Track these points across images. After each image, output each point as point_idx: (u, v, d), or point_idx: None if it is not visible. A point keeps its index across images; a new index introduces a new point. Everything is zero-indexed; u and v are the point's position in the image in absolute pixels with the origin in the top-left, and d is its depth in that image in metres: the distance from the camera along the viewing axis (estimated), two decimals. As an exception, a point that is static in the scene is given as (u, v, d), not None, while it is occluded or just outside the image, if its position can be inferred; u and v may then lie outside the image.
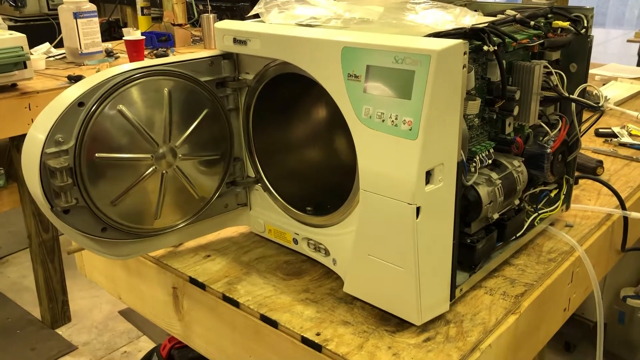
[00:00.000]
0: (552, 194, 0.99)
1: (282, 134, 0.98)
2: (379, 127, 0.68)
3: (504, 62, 0.79)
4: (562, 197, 0.99)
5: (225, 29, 0.86)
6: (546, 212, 0.97)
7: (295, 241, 0.92)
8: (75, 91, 0.77)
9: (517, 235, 0.92)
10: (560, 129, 0.92)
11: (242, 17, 0.92)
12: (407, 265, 0.70)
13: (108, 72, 0.80)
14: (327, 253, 0.87)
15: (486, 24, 0.78)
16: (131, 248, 0.88)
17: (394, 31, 0.75)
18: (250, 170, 0.96)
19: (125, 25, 3.41)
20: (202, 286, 0.87)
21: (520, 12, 0.88)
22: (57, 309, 2.32)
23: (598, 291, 0.94)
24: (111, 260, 0.92)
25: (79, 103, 0.77)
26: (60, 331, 2.30)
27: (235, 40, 0.85)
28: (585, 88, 0.94)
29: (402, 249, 0.70)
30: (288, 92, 0.91)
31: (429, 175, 0.68)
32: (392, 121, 0.67)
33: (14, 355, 2.03)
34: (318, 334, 0.74)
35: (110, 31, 3.46)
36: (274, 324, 0.78)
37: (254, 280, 0.87)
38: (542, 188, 0.98)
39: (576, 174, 1.19)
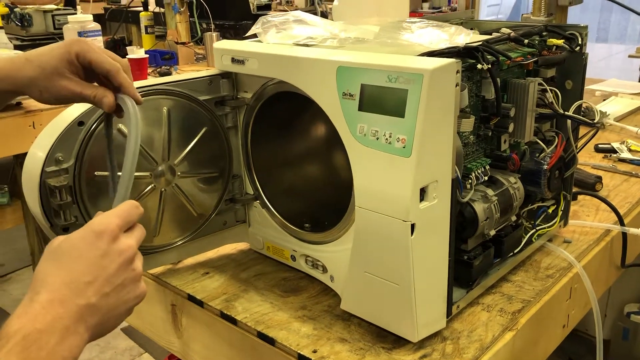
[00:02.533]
0: (550, 210, 0.99)
1: (280, 151, 0.99)
2: (373, 145, 0.69)
3: (498, 79, 0.80)
4: (560, 213, 0.99)
5: (223, 49, 0.87)
6: (544, 228, 0.97)
7: (293, 258, 0.92)
8: (76, 110, 0.78)
9: (515, 251, 0.92)
10: (556, 146, 0.93)
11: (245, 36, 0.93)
12: (403, 282, 0.71)
13: (108, 92, 0.81)
14: (324, 270, 0.87)
15: (480, 43, 0.79)
16: (130, 265, 0.89)
17: (389, 50, 0.76)
18: (249, 187, 0.97)
19: (131, 44, 3.44)
20: (200, 303, 0.87)
21: (515, 31, 0.89)
22: (60, 326, 2.31)
23: (597, 307, 0.94)
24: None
25: (79, 122, 0.78)
26: (62, 348, 2.29)
27: (233, 60, 0.86)
28: (581, 105, 0.94)
29: (397, 265, 0.70)
30: (286, 110, 0.92)
31: (423, 192, 0.68)
32: (386, 139, 0.67)
33: None
34: (315, 351, 0.75)
35: (116, 49, 3.50)
36: (271, 341, 0.78)
37: (251, 297, 0.87)
38: (540, 204, 0.98)
39: (575, 189, 1.20)
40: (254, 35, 0.88)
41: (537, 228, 0.96)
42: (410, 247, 0.68)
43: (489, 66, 0.76)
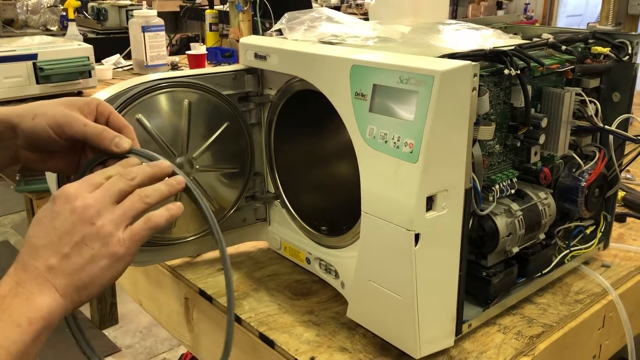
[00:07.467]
0: (588, 231, 0.92)
1: (303, 150, 0.97)
2: (381, 148, 0.66)
3: (529, 87, 0.75)
4: (599, 234, 0.92)
5: (248, 44, 0.86)
6: (579, 249, 0.90)
7: (308, 261, 0.90)
8: (103, 95, 0.79)
9: (543, 272, 0.86)
10: (597, 161, 0.86)
11: (269, 31, 0.92)
12: (406, 294, 0.67)
13: (131, 81, 0.82)
14: (337, 275, 0.84)
15: (512, 47, 0.75)
16: (147, 255, 0.89)
17: (411, 51, 0.72)
18: (271, 186, 0.95)
19: (204, 41, 3.53)
20: (209, 299, 0.87)
21: (556, 37, 0.84)
22: (106, 310, 2.39)
23: (631, 340, 0.86)
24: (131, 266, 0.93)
25: (104, 107, 0.79)
26: (107, 332, 2.37)
27: (256, 55, 0.85)
28: (628, 119, 0.87)
29: (400, 276, 0.67)
30: (309, 109, 0.90)
31: (430, 201, 0.64)
32: (394, 143, 0.64)
33: (62, 352, 2.10)
34: (312, 359, 0.72)
35: (188, 46, 3.61)
36: (270, 343, 0.76)
37: (260, 297, 0.86)
38: (577, 224, 0.92)
39: (623, 210, 1.12)
40: (280, 32, 0.87)
41: (571, 249, 0.90)
42: (413, 258, 0.64)
43: (518, 72, 0.71)
